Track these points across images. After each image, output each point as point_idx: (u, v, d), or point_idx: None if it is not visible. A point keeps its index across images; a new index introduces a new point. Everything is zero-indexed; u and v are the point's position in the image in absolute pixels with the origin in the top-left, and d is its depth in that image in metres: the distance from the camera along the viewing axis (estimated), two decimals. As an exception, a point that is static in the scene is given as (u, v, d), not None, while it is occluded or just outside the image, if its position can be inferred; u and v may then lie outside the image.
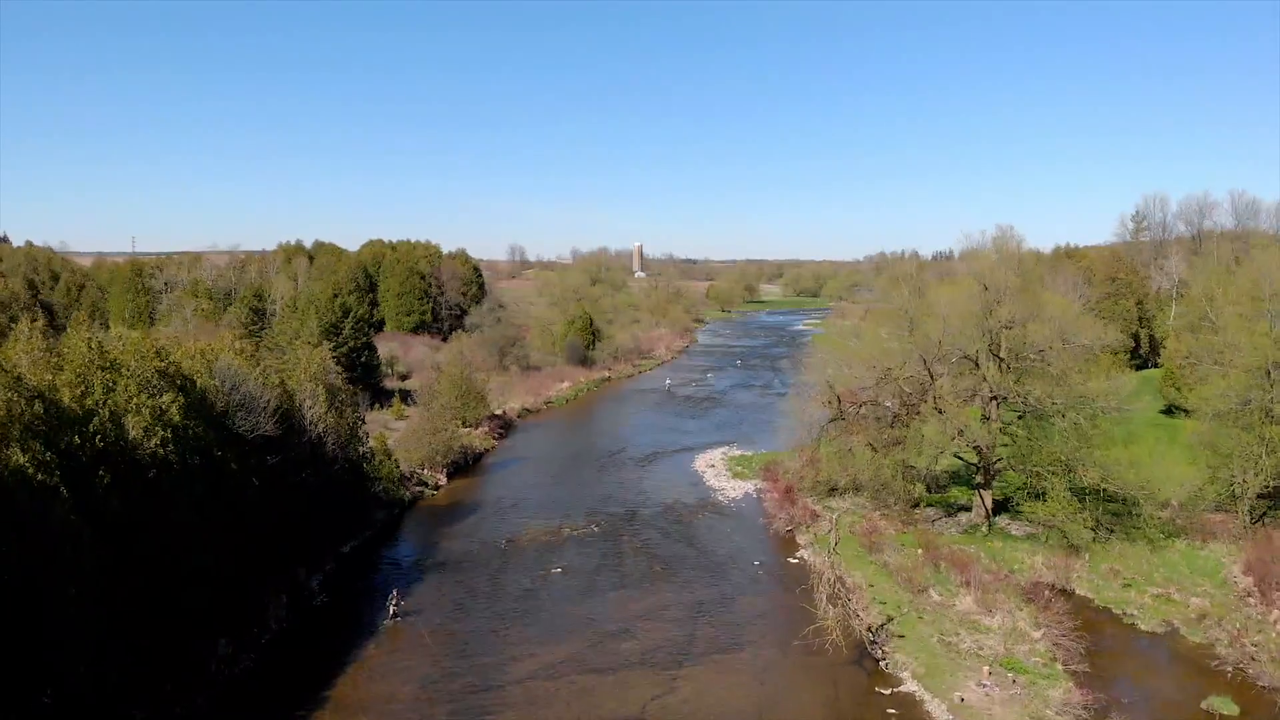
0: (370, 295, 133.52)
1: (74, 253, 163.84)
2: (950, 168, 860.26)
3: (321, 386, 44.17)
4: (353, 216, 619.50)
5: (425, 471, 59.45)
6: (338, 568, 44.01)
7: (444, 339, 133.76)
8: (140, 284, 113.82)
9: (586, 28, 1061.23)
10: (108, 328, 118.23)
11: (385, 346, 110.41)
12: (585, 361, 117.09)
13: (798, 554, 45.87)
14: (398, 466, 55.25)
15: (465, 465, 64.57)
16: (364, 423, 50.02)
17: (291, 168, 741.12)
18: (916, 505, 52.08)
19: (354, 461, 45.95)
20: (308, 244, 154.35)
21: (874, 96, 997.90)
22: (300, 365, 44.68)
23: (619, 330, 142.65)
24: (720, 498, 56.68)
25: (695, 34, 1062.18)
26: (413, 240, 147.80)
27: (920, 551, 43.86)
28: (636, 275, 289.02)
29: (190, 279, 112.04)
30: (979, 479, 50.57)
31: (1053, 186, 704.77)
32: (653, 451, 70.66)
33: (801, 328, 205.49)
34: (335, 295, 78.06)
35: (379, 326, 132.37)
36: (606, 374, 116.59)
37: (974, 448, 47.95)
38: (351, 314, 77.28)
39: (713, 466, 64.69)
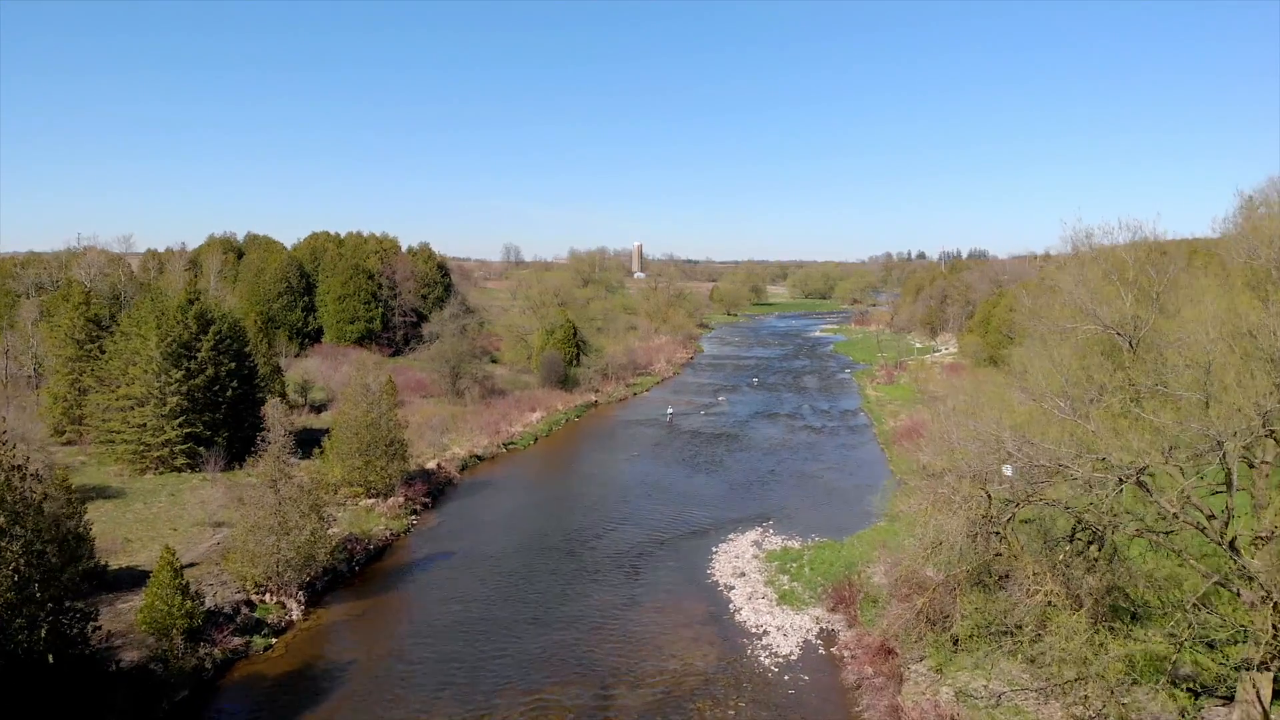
0: (306, 299, 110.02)
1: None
2: (953, 168, 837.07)
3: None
4: (350, 219, 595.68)
5: (266, 599, 35.76)
6: None
7: (396, 352, 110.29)
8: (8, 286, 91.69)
9: (585, 26, 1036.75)
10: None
11: (304, 365, 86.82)
12: (566, 382, 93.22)
13: None
14: (199, 604, 31.58)
15: (348, 572, 40.84)
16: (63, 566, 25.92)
17: (292, 168, 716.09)
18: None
19: (25, 646, 22.08)
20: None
21: (876, 96, 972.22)
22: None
23: (611, 340, 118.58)
24: (764, 656, 32.69)
25: (694, 33, 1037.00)
26: (364, 233, 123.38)
27: None
28: (636, 276, 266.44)
29: (64, 279, 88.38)
30: (1253, 651, 27.01)
31: (1056, 186, 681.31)
32: (648, 538, 46.82)
33: (819, 334, 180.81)
34: (191, 301, 54.04)
35: (315, 337, 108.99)
36: (592, 397, 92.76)
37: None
38: (213, 328, 53.41)
39: (743, 575, 40.69)
